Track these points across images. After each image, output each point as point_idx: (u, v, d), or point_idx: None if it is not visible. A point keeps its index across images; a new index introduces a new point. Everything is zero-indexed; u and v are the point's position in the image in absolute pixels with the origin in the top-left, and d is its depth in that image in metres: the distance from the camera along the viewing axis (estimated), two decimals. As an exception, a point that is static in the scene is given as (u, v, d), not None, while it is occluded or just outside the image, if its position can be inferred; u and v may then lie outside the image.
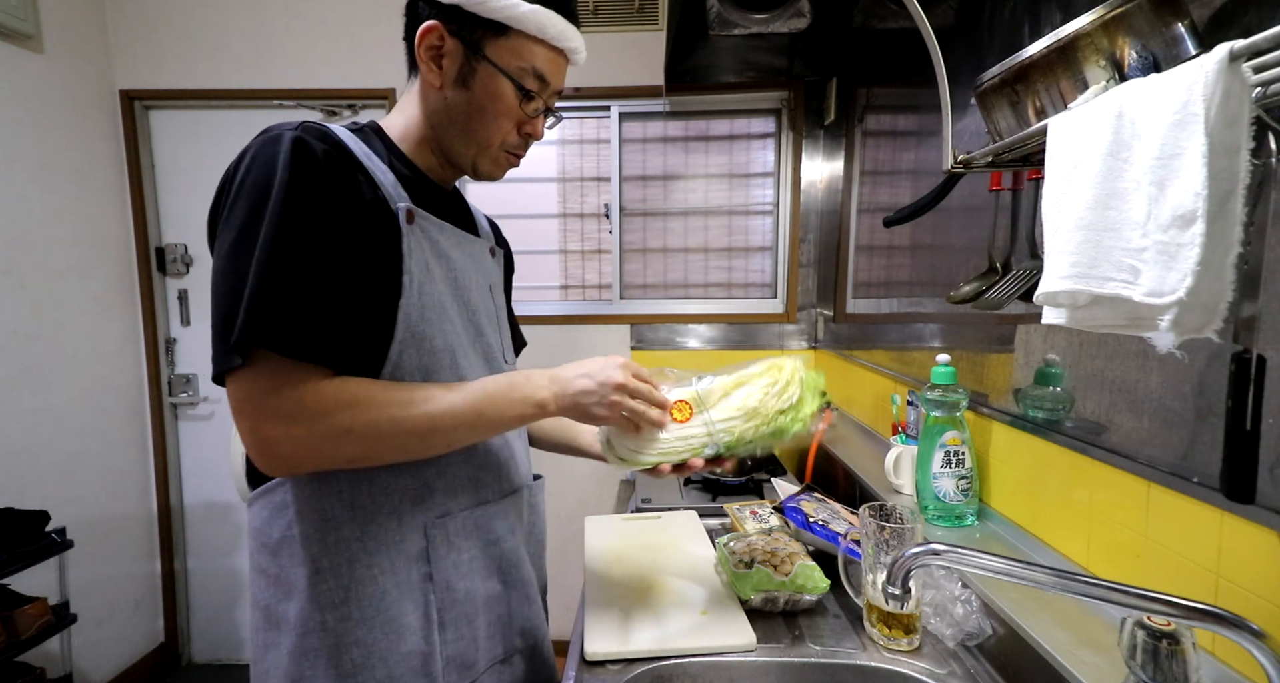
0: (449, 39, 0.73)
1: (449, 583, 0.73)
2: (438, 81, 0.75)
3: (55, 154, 1.99)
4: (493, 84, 0.74)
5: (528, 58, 0.74)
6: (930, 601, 0.85)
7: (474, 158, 0.79)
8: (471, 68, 0.73)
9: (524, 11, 0.71)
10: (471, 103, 0.75)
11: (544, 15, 0.72)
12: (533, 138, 0.80)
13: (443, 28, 0.72)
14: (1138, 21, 0.58)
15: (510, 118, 0.76)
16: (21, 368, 1.88)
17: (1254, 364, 0.52)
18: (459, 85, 0.74)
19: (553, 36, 0.74)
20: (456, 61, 0.74)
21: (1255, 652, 0.47)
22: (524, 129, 0.78)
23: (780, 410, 0.80)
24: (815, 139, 2.20)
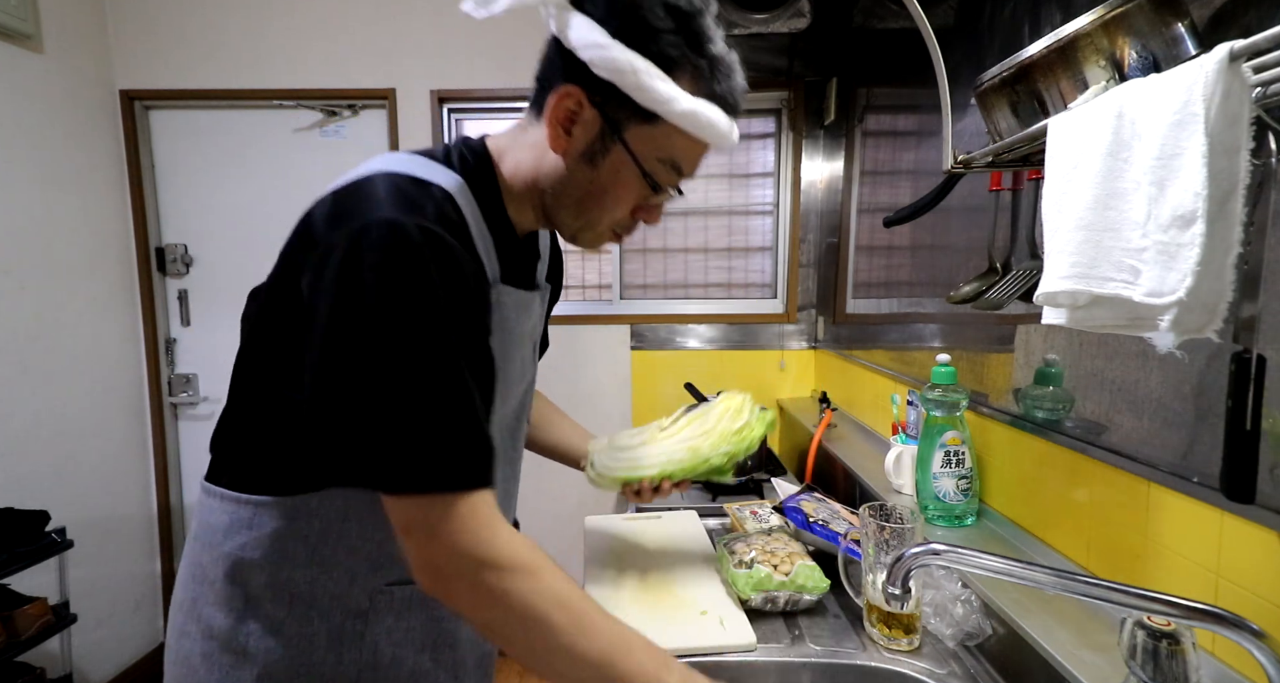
0: (589, 109, 0.64)
1: (377, 647, 0.68)
2: (562, 148, 0.66)
3: (55, 154, 1.99)
4: (623, 170, 0.66)
5: (669, 151, 0.66)
6: (930, 601, 0.85)
7: (578, 231, 0.72)
8: (605, 147, 0.65)
9: (684, 108, 0.62)
10: (594, 182, 0.67)
11: (708, 114, 0.63)
12: (648, 222, 0.73)
13: (585, 96, 0.63)
14: (1138, 21, 0.58)
15: (630, 204, 0.70)
16: (21, 368, 1.88)
17: (1254, 364, 0.52)
18: (585, 161, 0.66)
19: (707, 135, 0.65)
20: (589, 136, 0.65)
21: (1255, 652, 0.47)
22: (639, 213, 0.71)
23: (735, 431, 0.91)
24: (815, 139, 2.20)
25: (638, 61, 0.60)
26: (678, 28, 0.61)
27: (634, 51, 0.60)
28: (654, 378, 2.27)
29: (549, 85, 0.65)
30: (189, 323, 2.32)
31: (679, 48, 0.62)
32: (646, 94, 0.61)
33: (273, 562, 0.65)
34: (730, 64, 0.65)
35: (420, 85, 2.18)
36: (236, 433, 0.69)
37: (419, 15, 2.16)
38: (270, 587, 0.66)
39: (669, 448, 0.92)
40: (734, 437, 0.89)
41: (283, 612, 0.66)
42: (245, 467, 0.67)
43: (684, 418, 0.96)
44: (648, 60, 0.60)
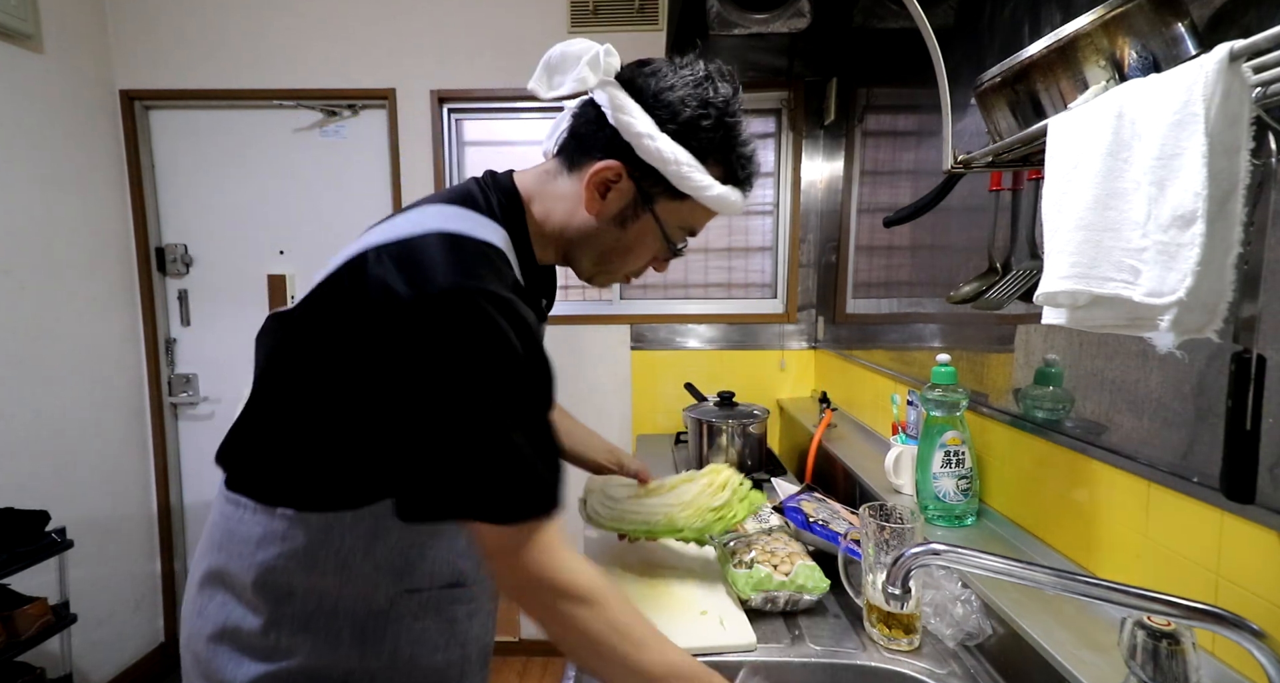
0: (626, 181, 0.71)
1: (397, 645, 0.73)
2: (596, 210, 0.72)
3: (55, 154, 1.99)
4: (648, 234, 0.74)
5: (690, 221, 0.75)
6: (930, 601, 0.85)
7: (594, 275, 0.80)
8: (635, 214, 0.73)
9: (715, 193, 0.70)
10: (620, 241, 0.75)
11: (731, 198, 0.72)
12: (658, 270, 0.82)
13: (625, 171, 0.70)
14: (1138, 21, 0.58)
15: (648, 259, 0.78)
16: (21, 368, 1.88)
17: (1254, 364, 0.52)
18: (615, 223, 0.73)
19: (725, 211, 0.74)
20: (622, 203, 0.72)
21: (1255, 652, 0.47)
22: (653, 263, 0.80)
23: (711, 507, 0.95)
24: (815, 139, 2.20)
25: (681, 154, 0.68)
26: (716, 127, 0.69)
27: (678, 143, 0.68)
28: (654, 378, 2.27)
29: (588, 148, 0.72)
30: (189, 323, 2.32)
31: (715, 144, 0.70)
32: (684, 182, 0.69)
33: (304, 569, 0.68)
34: (753, 155, 0.74)
35: (420, 85, 2.18)
36: (267, 448, 0.70)
37: (419, 15, 2.16)
38: (300, 589, 0.69)
39: (650, 509, 0.99)
40: (709, 514, 0.95)
41: (311, 609, 0.69)
42: (279, 481, 0.69)
43: (675, 479, 1.01)
44: (688, 151, 0.68)
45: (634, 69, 0.72)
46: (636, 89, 0.69)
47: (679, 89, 0.68)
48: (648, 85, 0.69)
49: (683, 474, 1.03)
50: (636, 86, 0.70)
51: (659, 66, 0.71)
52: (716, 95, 0.69)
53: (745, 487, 0.98)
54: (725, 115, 0.69)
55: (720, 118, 0.69)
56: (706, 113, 0.68)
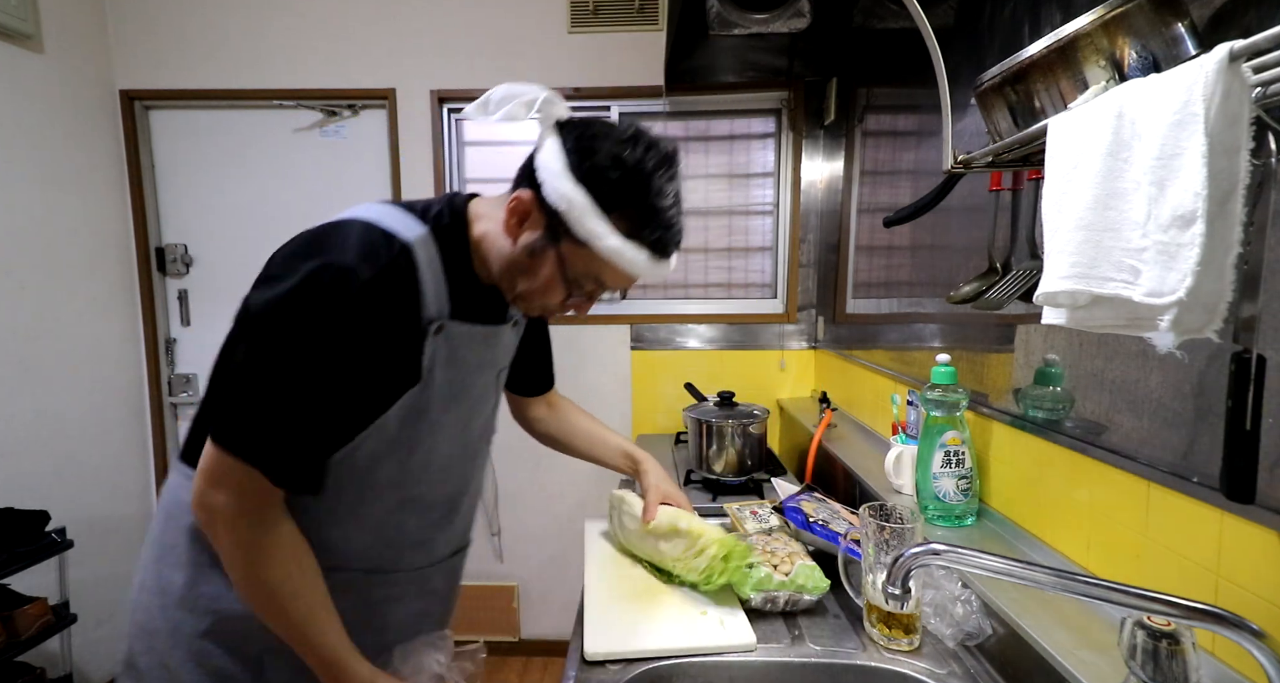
0: (537, 213, 0.74)
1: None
2: (512, 235, 0.76)
3: (55, 154, 1.99)
4: (553, 271, 0.76)
5: (595, 271, 0.75)
6: (930, 601, 0.85)
7: (513, 300, 0.82)
8: (543, 247, 0.75)
9: (610, 245, 0.71)
10: (528, 270, 0.77)
11: (630, 254, 0.72)
12: (577, 313, 0.83)
13: (537, 204, 0.73)
14: (1138, 21, 0.58)
15: (558, 297, 0.79)
16: (21, 368, 1.88)
17: (1254, 364, 0.52)
18: (526, 252, 0.76)
19: (628, 270, 0.74)
20: (534, 234, 0.75)
21: (1255, 652, 0.47)
22: (569, 304, 0.81)
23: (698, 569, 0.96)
24: (815, 139, 2.20)
25: (578, 198, 0.70)
26: (624, 177, 0.71)
27: (581, 187, 0.70)
28: (654, 378, 2.27)
29: (520, 177, 0.76)
30: (189, 323, 2.32)
31: (622, 197, 0.71)
32: (579, 225, 0.71)
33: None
34: (670, 218, 0.74)
35: (420, 85, 2.18)
36: (204, 421, 0.75)
37: (419, 15, 2.16)
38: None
39: (651, 548, 1.04)
40: (693, 574, 0.97)
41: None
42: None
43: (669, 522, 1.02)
44: (589, 197, 0.70)
45: (573, 119, 0.76)
46: (564, 134, 0.73)
47: (597, 140, 0.71)
48: (572, 133, 0.73)
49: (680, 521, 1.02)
50: (565, 132, 0.73)
51: (590, 121, 0.75)
52: (633, 153, 0.71)
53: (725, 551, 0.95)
54: (638, 174, 0.71)
55: (631, 174, 0.70)
56: (616, 166, 0.70)
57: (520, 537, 2.32)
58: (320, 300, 0.65)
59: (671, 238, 0.75)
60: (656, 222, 0.73)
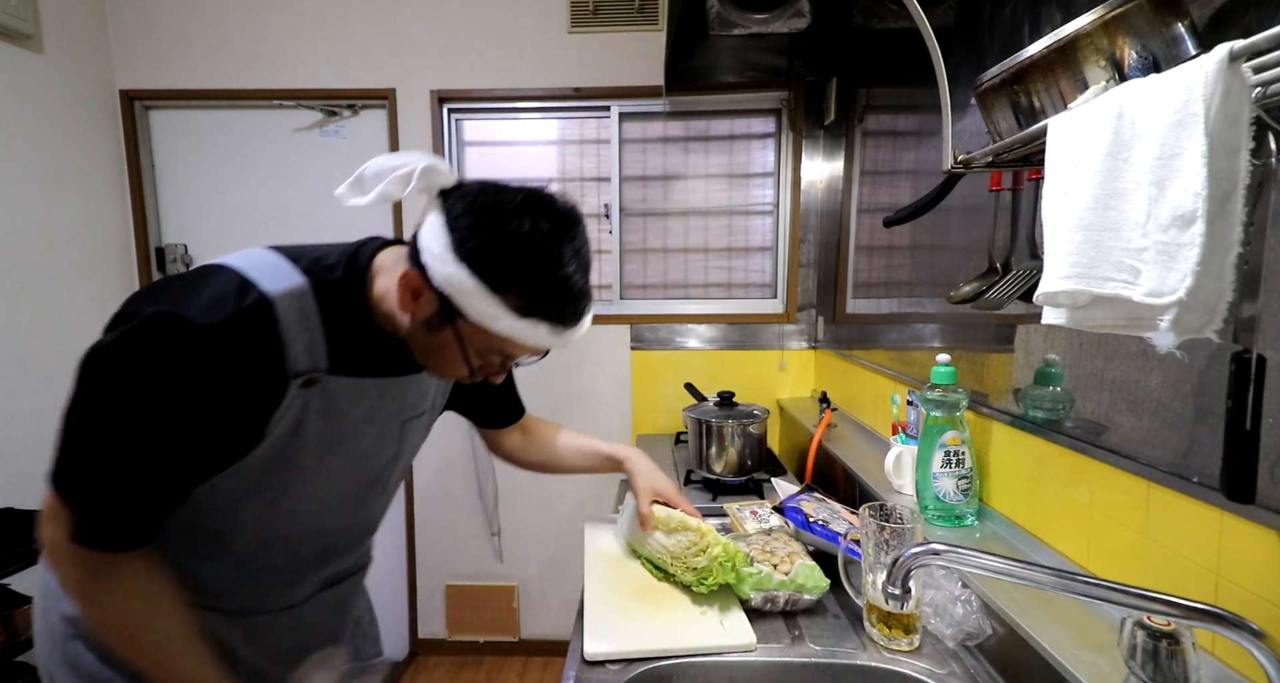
0: (428, 292, 0.68)
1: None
2: (407, 311, 0.70)
3: (55, 154, 1.99)
4: (454, 347, 0.71)
5: (497, 346, 0.71)
6: (930, 601, 0.85)
7: (424, 367, 0.79)
8: (439, 324, 0.69)
9: (505, 327, 0.67)
10: (431, 345, 0.72)
11: (529, 332, 0.68)
12: (491, 381, 0.78)
13: (425, 285, 0.67)
14: (1138, 21, 0.58)
15: (462, 370, 0.74)
16: (21, 368, 1.88)
17: (1254, 364, 0.52)
18: (424, 326, 0.71)
19: (530, 345, 0.70)
20: (428, 312, 0.69)
21: (1255, 652, 0.47)
22: (481, 372, 0.76)
23: (693, 568, 0.97)
24: (815, 139, 2.20)
25: (465, 282, 0.65)
26: (513, 254, 0.65)
27: (466, 268, 0.64)
28: (654, 378, 2.27)
29: (411, 247, 0.69)
30: (189, 323, 2.32)
31: (510, 273, 0.65)
32: (469, 310, 0.66)
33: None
34: (570, 288, 0.69)
35: (420, 85, 2.18)
36: None
37: (419, 15, 2.16)
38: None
39: (655, 547, 1.04)
40: (690, 573, 0.97)
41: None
42: None
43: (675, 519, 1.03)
44: (476, 279, 0.65)
45: (454, 188, 0.70)
46: (448, 207, 0.67)
47: (482, 214, 0.66)
48: (454, 207, 0.67)
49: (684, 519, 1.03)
50: (449, 204, 0.68)
51: (475, 190, 0.68)
52: (520, 225, 0.65)
53: (727, 555, 0.95)
54: (529, 248, 0.65)
55: (521, 250, 0.65)
56: (504, 242, 0.65)
57: (520, 537, 2.32)
58: (146, 351, 0.61)
59: (573, 309, 0.70)
60: (553, 296, 0.68)
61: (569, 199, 0.71)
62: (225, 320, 0.64)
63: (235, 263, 0.70)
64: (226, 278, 0.68)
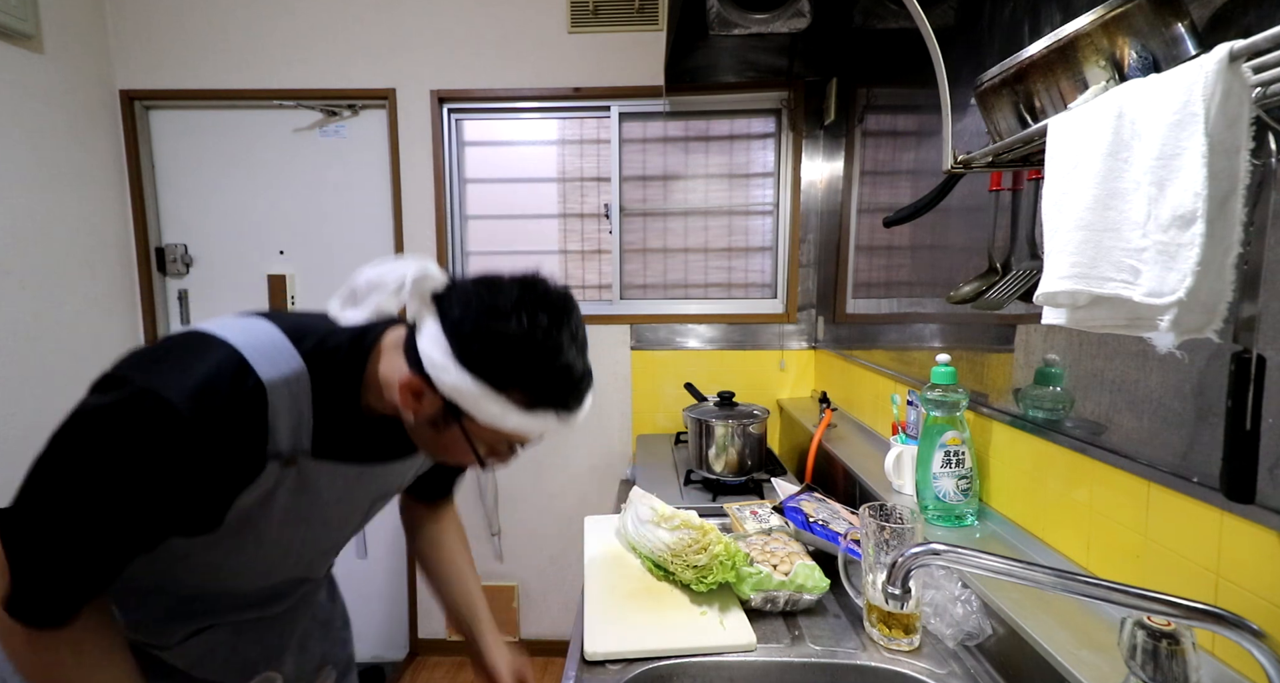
0: (431, 394, 0.67)
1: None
2: (410, 409, 0.69)
3: (55, 154, 1.99)
4: (461, 442, 0.71)
5: (504, 438, 0.71)
6: (930, 601, 0.85)
7: (431, 456, 0.80)
8: (445, 423, 0.70)
9: (513, 424, 0.67)
10: (437, 441, 0.72)
11: (535, 423, 0.68)
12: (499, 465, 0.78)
13: (427, 388, 0.67)
14: (1138, 21, 0.58)
15: (469, 459, 0.74)
16: (21, 368, 1.88)
17: (1254, 364, 0.52)
18: (429, 425, 0.71)
19: (537, 434, 0.70)
20: (432, 410, 0.69)
21: (1255, 652, 0.47)
22: (486, 464, 0.76)
23: (693, 565, 0.97)
24: (815, 139, 2.20)
25: (469, 387, 0.65)
26: (513, 356, 0.65)
27: (468, 374, 0.65)
28: (654, 378, 2.27)
29: (409, 348, 0.68)
30: (189, 323, 2.32)
31: (512, 373, 0.66)
32: (478, 412, 0.66)
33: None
34: (572, 375, 0.69)
35: (420, 85, 2.18)
36: None
37: (419, 15, 2.16)
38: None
39: (656, 544, 1.04)
40: (689, 571, 0.98)
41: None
42: None
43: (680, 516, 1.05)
44: (479, 383, 0.65)
45: (448, 290, 0.69)
46: (443, 312, 0.68)
47: (479, 319, 0.66)
48: (450, 312, 0.67)
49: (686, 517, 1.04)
50: (443, 309, 0.68)
51: (469, 292, 0.68)
52: (520, 326, 0.65)
53: (727, 554, 0.96)
54: (528, 346, 0.66)
55: (520, 349, 0.65)
56: (503, 344, 0.65)
57: (520, 537, 2.32)
58: (126, 428, 0.61)
59: (576, 394, 0.70)
60: (557, 386, 0.68)
61: (559, 284, 0.71)
62: (216, 409, 0.63)
63: (237, 340, 0.67)
64: (225, 357, 0.66)
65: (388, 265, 0.69)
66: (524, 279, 0.70)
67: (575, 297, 0.73)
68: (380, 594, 2.36)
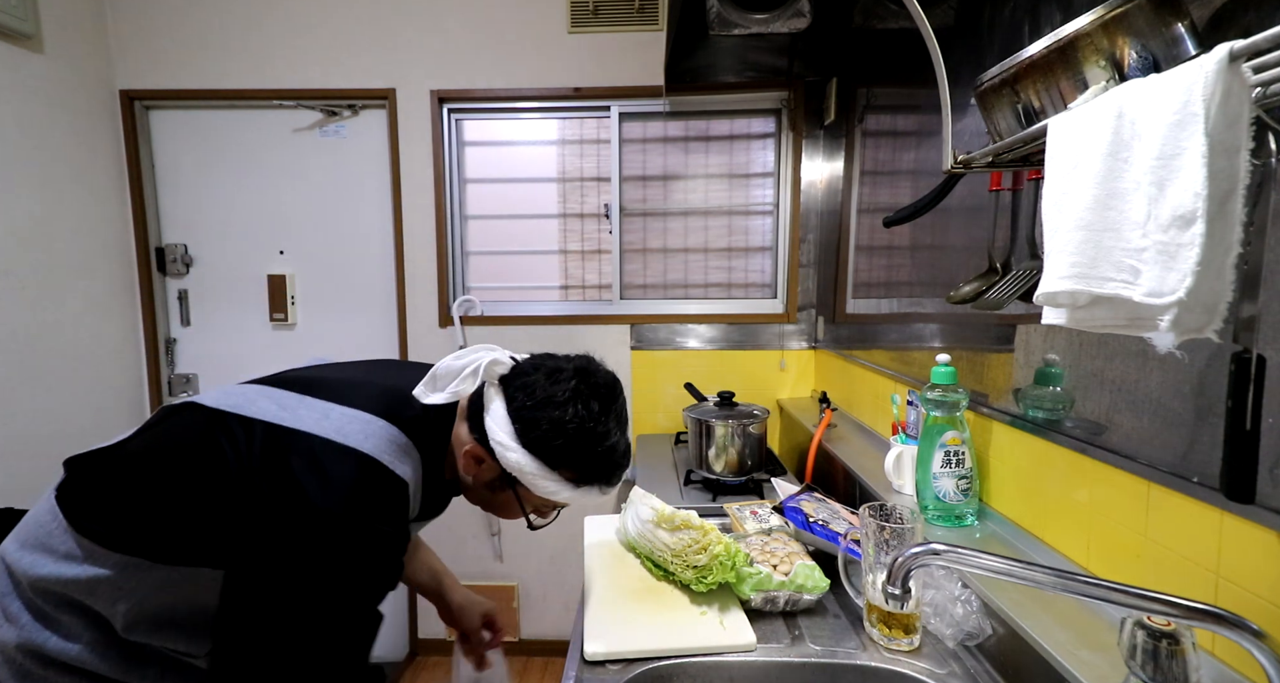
0: (492, 462, 0.79)
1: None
2: (470, 473, 0.82)
3: (55, 154, 1.99)
4: (514, 503, 0.83)
5: (554, 504, 0.83)
6: (930, 601, 0.85)
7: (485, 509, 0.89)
8: (502, 487, 0.81)
9: (566, 497, 0.79)
10: (493, 501, 0.85)
11: (583, 497, 0.80)
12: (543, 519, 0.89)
13: (489, 457, 0.79)
14: (1138, 21, 0.58)
15: (520, 517, 0.85)
16: (21, 368, 1.88)
17: (1254, 364, 0.52)
18: (486, 487, 0.83)
19: (583, 502, 0.82)
20: (490, 476, 0.81)
21: (1255, 652, 0.47)
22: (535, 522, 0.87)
23: (693, 565, 0.98)
24: (815, 139, 2.20)
25: (528, 465, 0.76)
26: (569, 444, 0.77)
27: (529, 454, 0.76)
28: (654, 378, 2.27)
29: (473, 419, 0.81)
30: (189, 323, 2.32)
31: (568, 457, 0.77)
32: (535, 488, 0.78)
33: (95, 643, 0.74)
34: (615, 456, 0.80)
35: (420, 85, 2.18)
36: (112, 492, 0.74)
37: (419, 15, 2.16)
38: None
39: (657, 544, 1.04)
40: (689, 571, 0.99)
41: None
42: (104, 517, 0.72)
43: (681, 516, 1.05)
44: (538, 462, 0.77)
45: (514, 374, 0.80)
46: (509, 395, 0.78)
47: (540, 409, 0.76)
48: (515, 397, 0.78)
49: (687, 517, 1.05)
50: (509, 392, 0.79)
51: (533, 380, 0.78)
52: (576, 415, 0.76)
53: (728, 554, 0.96)
54: (581, 434, 0.76)
55: (575, 436, 0.76)
56: (561, 432, 0.76)
57: (520, 537, 2.32)
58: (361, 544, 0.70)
59: (619, 470, 0.82)
60: (604, 466, 0.79)
61: (608, 371, 0.83)
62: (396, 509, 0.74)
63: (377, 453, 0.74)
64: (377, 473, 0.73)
65: (465, 354, 0.80)
66: (579, 367, 0.80)
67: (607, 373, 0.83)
68: (380, 594, 2.36)
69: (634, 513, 1.12)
